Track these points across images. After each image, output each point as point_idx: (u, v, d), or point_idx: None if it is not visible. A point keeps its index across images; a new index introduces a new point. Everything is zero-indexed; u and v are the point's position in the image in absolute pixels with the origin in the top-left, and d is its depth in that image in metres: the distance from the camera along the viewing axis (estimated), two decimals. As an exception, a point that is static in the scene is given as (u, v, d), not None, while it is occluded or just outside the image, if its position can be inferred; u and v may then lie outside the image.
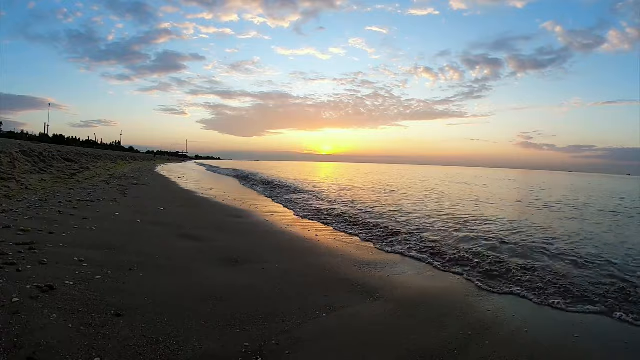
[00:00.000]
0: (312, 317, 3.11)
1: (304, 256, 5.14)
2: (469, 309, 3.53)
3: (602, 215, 11.23)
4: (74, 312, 2.66)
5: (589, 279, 4.50)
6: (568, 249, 6.02)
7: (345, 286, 3.95)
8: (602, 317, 3.56)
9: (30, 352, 2.07)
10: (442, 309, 3.48)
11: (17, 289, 2.80)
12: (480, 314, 3.43)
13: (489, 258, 5.26)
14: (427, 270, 4.91)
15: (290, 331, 2.85)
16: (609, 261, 5.32)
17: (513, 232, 7.47)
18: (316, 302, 3.45)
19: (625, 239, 7.29)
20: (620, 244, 6.81)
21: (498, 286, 4.23)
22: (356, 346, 2.70)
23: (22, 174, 9.89)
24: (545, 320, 3.40)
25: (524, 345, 2.86)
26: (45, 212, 5.70)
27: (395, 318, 3.25)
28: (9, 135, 36.98)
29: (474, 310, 3.51)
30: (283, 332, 2.82)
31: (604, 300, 3.85)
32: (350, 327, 3.01)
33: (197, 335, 2.64)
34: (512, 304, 3.78)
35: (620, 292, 4.06)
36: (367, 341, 2.79)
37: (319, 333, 2.85)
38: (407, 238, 6.60)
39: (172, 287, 3.52)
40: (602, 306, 3.73)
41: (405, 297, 3.76)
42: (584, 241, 6.86)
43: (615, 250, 6.16)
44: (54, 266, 3.47)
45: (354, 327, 3.01)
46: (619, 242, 7.01)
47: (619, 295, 4.00)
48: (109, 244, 4.63)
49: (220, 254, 4.85)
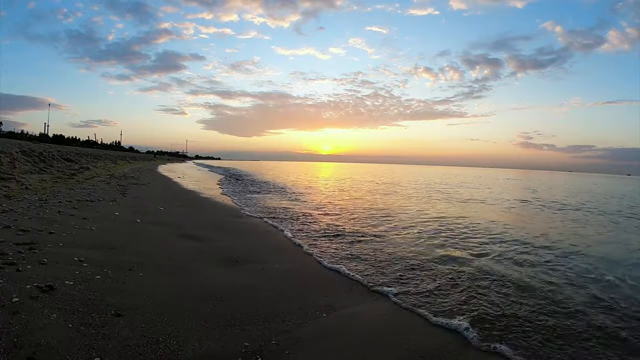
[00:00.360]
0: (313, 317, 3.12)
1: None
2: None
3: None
4: (74, 312, 2.66)
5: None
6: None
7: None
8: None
9: (30, 352, 2.07)
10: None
11: (17, 289, 2.80)
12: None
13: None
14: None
15: (290, 331, 2.85)
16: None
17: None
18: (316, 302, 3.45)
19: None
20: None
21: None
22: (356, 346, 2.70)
23: (22, 174, 9.89)
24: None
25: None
26: (45, 212, 5.70)
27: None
28: (9, 135, 36.98)
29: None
30: (283, 332, 2.82)
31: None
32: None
33: (197, 335, 2.64)
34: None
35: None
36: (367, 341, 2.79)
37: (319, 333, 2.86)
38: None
39: (172, 287, 3.52)
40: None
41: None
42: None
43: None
44: (54, 266, 3.47)
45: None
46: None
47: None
48: (109, 244, 4.63)
49: (220, 254, 4.85)
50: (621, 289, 4.28)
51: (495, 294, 3.93)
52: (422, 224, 8.30)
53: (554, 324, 3.24)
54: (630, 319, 3.44)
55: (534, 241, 6.86)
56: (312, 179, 28.11)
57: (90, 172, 15.37)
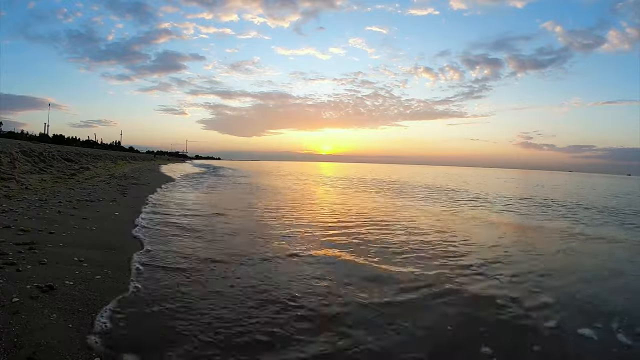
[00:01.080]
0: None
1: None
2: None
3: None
4: (74, 312, 2.66)
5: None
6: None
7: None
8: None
9: (30, 352, 2.07)
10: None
11: (17, 289, 2.80)
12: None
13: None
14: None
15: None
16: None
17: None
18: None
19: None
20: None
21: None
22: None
23: (22, 174, 9.89)
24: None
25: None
26: (45, 212, 5.70)
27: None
28: (9, 135, 36.98)
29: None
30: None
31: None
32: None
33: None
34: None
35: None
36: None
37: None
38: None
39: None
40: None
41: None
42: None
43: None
44: (54, 266, 3.47)
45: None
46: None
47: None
48: (109, 244, 4.63)
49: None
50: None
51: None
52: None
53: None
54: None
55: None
56: (311, 180, 28.06)
57: (90, 172, 15.37)
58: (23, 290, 2.81)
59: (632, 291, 4.16)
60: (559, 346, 2.76)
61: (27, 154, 13.71)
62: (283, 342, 2.58)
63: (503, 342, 2.76)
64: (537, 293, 3.82)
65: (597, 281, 4.41)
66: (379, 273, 4.26)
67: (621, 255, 6.12)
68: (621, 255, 6.06)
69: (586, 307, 3.53)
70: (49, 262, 3.53)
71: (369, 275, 4.15)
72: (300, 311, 3.10)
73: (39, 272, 3.24)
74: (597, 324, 3.12)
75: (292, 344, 2.56)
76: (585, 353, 2.70)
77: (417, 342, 2.71)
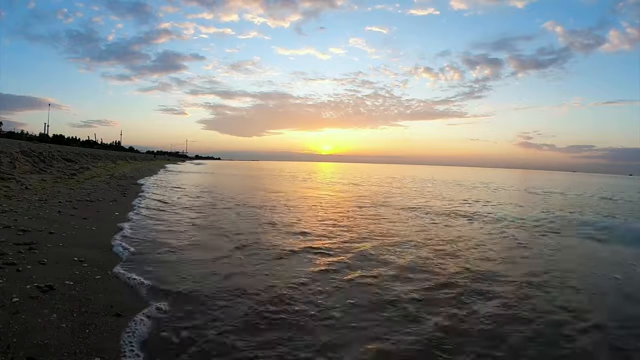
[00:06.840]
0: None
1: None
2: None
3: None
4: (74, 312, 2.66)
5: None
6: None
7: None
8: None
9: (30, 352, 2.07)
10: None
11: (17, 289, 2.80)
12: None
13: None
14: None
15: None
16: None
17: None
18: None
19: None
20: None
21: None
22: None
23: (22, 174, 9.89)
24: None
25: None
26: (45, 212, 5.69)
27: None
28: (9, 135, 37.00)
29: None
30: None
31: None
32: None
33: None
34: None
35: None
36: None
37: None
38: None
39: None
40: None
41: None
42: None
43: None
44: (54, 266, 3.47)
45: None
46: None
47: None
48: (109, 244, 4.63)
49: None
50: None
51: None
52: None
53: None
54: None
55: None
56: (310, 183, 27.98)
57: (90, 172, 15.36)
58: (23, 290, 2.81)
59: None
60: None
61: (27, 154, 13.70)
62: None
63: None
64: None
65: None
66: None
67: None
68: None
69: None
70: (48, 262, 3.53)
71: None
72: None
73: (39, 272, 3.24)
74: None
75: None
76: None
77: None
